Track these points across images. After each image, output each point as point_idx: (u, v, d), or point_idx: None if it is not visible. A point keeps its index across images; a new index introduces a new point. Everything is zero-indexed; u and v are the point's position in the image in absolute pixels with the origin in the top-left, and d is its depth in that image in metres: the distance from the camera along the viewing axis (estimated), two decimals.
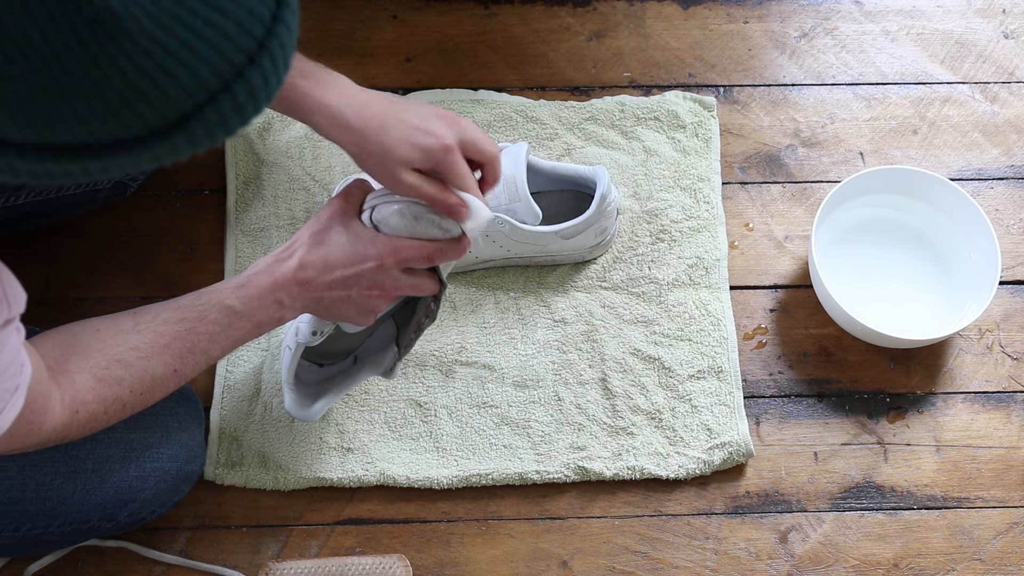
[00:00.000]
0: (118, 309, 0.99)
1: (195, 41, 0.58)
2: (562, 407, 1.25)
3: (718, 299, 1.30)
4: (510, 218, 1.23)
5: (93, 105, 0.58)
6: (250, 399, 1.24)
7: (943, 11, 1.50)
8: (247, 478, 1.21)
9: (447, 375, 1.26)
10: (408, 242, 1.00)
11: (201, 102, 0.61)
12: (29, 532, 1.06)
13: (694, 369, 1.27)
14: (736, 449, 1.23)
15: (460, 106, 1.39)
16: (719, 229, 1.34)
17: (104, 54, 0.56)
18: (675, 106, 1.39)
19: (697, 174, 1.36)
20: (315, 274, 1.00)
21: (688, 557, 1.20)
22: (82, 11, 0.55)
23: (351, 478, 1.21)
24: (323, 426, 1.23)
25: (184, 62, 0.58)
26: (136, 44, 0.56)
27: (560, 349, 1.27)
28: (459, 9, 1.47)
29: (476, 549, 1.20)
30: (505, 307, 1.29)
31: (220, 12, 0.58)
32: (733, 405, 1.26)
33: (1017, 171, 1.40)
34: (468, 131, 1.01)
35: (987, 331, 1.31)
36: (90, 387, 0.93)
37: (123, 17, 0.56)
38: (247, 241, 1.32)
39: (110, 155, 0.62)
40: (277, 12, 0.62)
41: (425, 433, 1.24)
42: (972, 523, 1.23)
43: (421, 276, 1.04)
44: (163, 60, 0.58)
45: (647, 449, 1.23)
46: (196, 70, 0.59)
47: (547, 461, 1.23)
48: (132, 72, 0.57)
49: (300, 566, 1.17)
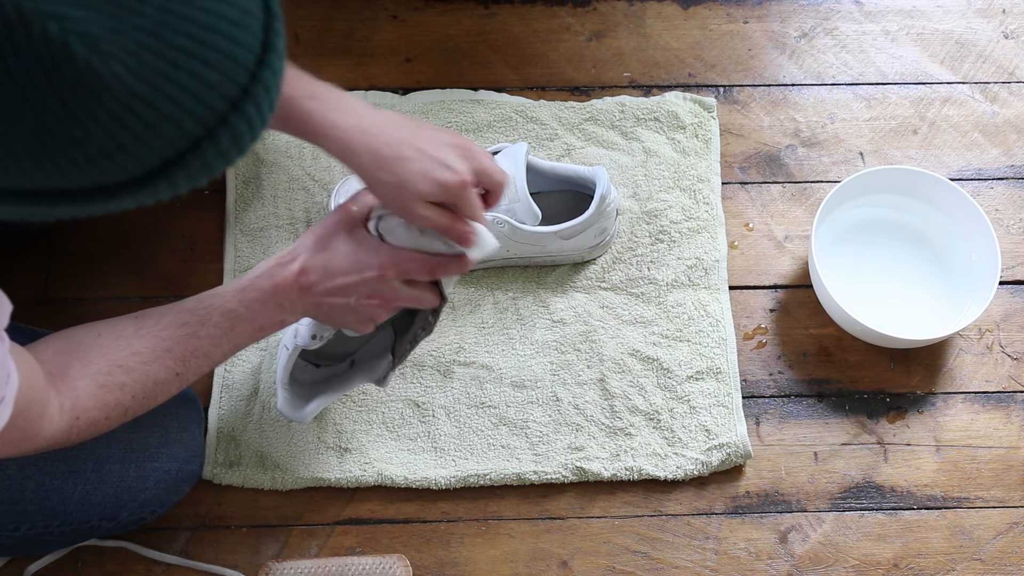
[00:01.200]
0: (118, 309, 1.00)
1: (177, 93, 0.58)
2: (560, 407, 1.25)
3: (717, 300, 1.30)
4: (509, 218, 1.23)
5: (74, 159, 0.58)
6: (248, 399, 1.24)
7: (943, 11, 1.50)
8: (245, 478, 1.21)
9: (445, 375, 1.26)
10: (411, 254, 1.00)
11: (183, 150, 0.61)
12: (29, 532, 1.06)
13: (693, 370, 1.27)
14: (734, 450, 1.23)
15: (460, 106, 1.39)
16: (718, 230, 1.34)
17: (85, 112, 0.56)
18: (675, 107, 1.39)
19: (697, 175, 1.36)
20: (316, 280, 1.00)
21: (688, 557, 1.20)
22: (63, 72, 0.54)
23: (349, 478, 1.21)
24: (321, 426, 1.23)
25: (166, 114, 0.58)
26: (117, 100, 0.56)
27: (559, 349, 1.27)
28: (459, 9, 1.47)
29: (476, 549, 1.20)
30: (504, 307, 1.29)
31: (203, 63, 0.58)
32: (731, 406, 1.25)
33: (1017, 171, 1.40)
34: (481, 161, 1.00)
35: (987, 331, 1.31)
36: (91, 393, 0.92)
37: (105, 76, 0.55)
38: (246, 241, 1.32)
39: (90, 201, 0.61)
40: (263, 56, 0.62)
41: (423, 433, 1.24)
42: (972, 523, 1.23)
43: (422, 289, 1.04)
44: (144, 113, 0.57)
45: (645, 450, 1.23)
46: (178, 121, 0.59)
47: (545, 461, 1.23)
48: (113, 127, 0.57)
49: (300, 566, 1.17)
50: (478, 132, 1.38)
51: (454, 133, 1.02)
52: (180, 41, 0.57)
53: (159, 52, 0.57)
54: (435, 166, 0.97)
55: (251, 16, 0.61)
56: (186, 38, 0.57)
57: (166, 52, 0.57)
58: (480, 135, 1.37)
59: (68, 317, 1.26)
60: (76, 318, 0.99)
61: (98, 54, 0.55)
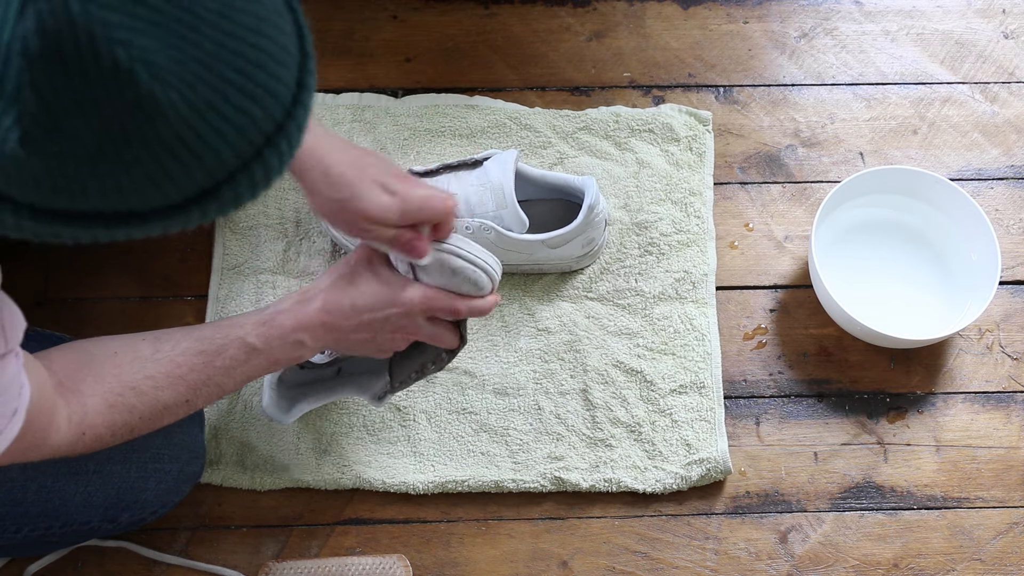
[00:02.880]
0: (118, 309, 1.00)
1: (224, 125, 0.60)
2: (542, 416, 1.25)
3: (704, 314, 1.30)
4: (497, 225, 1.22)
5: (120, 183, 0.60)
6: (231, 397, 1.24)
7: (943, 11, 1.50)
8: (224, 477, 1.21)
9: (428, 380, 1.25)
10: (438, 292, 1.02)
11: (220, 180, 0.63)
12: (31, 533, 1.06)
13: (676, 384, 1.26)
14: (714, 466, 1.22)
15: (454, 111, 1.39)
16: (708, 244, 1.34)
17: (139, 138, 0.58)
18: (670, 119, 1.39)
19: (689, 188, 1.36)
20: (341, 318, 1.02)
21: (688, 557, 1.20)
22: (126, 97, 0.57)
23: (327, 480, 1.21)
24: (301, 427, 1.23)
25: (211, 145, 0.61)
26: (171, 128, 0.59)
27: (542, 358, 1.27)
28: (459, 9, 1.47)
29: (476, 549, 1.20)
30: (489, 314, 1.29)
31: (250, 97, 0.61)
32: (714, 421, 1.25)
33: (1017, 171, 1.40)
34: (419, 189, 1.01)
35: (987, 331, 1.31)
36: (100, 411, 0.93)
37: (163, 104, 0.58)
38: (236, 239, 1.32)
39: (122, 225, 0.63)
40: (297, 95, 0.65)
41: (403, 437, 1.23)
42: (972, 523, 1.23)
43: (442, 327, 1.06)
44: (193, 143, 0.60)
45: (625, 462, 1.23)
46: (220, 152, 0.61)
47: (524, 470, 1.22)
48: (162, 154, 0.60)
49: (300, 566, 1.17)
50: (471, 138, 1.37)
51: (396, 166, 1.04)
52: (231, 75, 0.60)
53: (212, 84, 0.59)
54: (379, 190, 0.99)
55: (290, 55, 0.64)
56: (237, 73, 0.60)
57: (218, 85, 0.59)
58: (474, 140, 1.37)
59: (68, 317, 1.27)
60: (76, 318, 1.00)
61: (160, 82, 0.57)
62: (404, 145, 1.37)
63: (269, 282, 1.29)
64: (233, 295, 1.29)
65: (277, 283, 1.29)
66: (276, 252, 1.31)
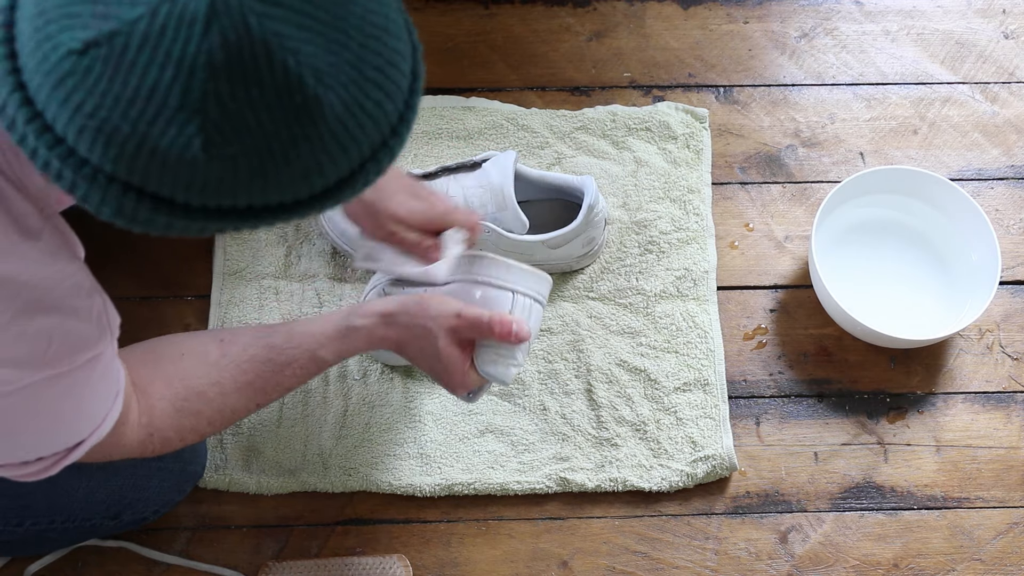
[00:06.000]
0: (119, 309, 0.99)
1: (366, 120, 0.66)
2: (547, 417, 1.25)
3: (705, 311, 1.30)
4: (497, 227, 1.22)
5: (280, 179, 0.65)
6: None
7: (943, 11, 1.50)
8: (231, 481, 1.21)
9: (433, 381, 1.25)
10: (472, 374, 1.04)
11: (355, 170, 0.68)
12: (32, 528, 1.07)
13: (680, 381, 1.26)
14: (720, 463, 1.22)
15: (451, 112, 1.39)
16: (708, 241, 1.34)
17: (302, 135, 0.64)
18: (667, 117, 1.39)
19: (687, 186, 1.36)
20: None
21: (688, 557, 1.20)
22: (294, 99, 0.62)
23: (334, 484, 1.21)
24: (307, 430, 1.23)
25: (356, 138, 0.66)
26: (328, 126, 0.64)
27: (546, 359, 1.27)
28: (459, 9, 1.47)
29: (476, 549, 1.20)
30: None
31: (386, 94, 0.66)
32: (718, 418, 1.25)
33: (1017, 171, 1.40)
34: (446, 201, 1.07)
35: (987, 331, 1.31)
36: (168, 415, 0.95)
37: (324, 104, 0.63)
38: (236, 245, 1.31)
39: (258, 218, 0.67)
40: (413, 84, 0.70)
41: (410, 439, 1.23)
42: (972, 523, 1.23)
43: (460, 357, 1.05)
44: (343, 138, 0.65)
45: (631, 461, 1.23)
46: (361, 145, 0.67)
47: (530, 471, 1.22)
48: (319, 150, 0.65)
49: (300, 566, 1.17)
50: (469, 139, 1.37)
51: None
52: (372, 74, 0.65)
53: (359, 84, 0.64)
54: (407, 194, 1.04)
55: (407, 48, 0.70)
56: (376, 71, 0.65)
57: (363, 84, 0.65)
58: (471, 142, 1.37)
59: None
60: None
61: (323, 86, 0.63)
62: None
63: (272, 287, 1.29)
64: (236, 300, 1.29)
65: (280, 288, 1.29)
66: (277, 257, 1.31)
